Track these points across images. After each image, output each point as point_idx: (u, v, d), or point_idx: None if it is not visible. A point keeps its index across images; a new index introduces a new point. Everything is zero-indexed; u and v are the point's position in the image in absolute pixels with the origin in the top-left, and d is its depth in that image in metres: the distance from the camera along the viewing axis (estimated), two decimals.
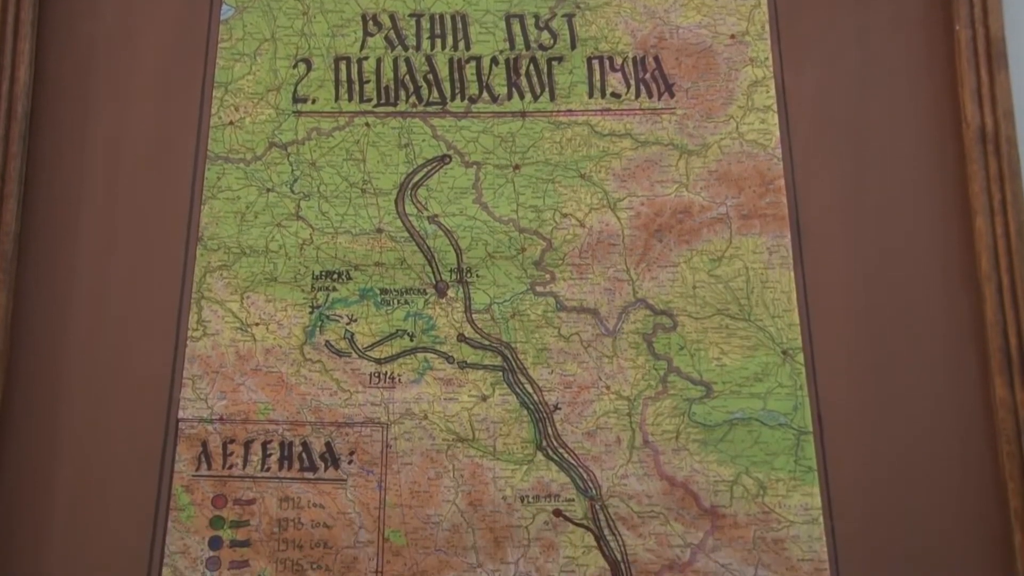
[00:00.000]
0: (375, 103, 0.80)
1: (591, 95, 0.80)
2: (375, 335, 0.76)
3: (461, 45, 0.81)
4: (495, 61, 0.81)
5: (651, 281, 0.76)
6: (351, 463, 0.73)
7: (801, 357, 0.74)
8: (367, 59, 0.81)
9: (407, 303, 0.76)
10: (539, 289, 0.76)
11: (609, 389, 0.74)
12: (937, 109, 0.78)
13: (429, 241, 0.77)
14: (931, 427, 0.72)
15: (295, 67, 0.81)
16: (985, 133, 0.75)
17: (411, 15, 0.82)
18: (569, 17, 0.81)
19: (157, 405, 0.74)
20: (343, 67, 0.81)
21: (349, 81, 0.81)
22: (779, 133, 0.78)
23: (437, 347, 0.75)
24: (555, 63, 0.81)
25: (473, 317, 0.76)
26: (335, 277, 0.77)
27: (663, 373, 0.74)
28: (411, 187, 0.78)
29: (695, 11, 0.81)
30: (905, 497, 0.71)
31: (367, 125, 0.80)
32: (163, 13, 0.82)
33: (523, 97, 0.80)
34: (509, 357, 0.75)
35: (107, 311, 0.76)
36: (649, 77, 0.80)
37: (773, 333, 0.75)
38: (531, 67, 0.81)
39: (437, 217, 0.78)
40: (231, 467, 0.73)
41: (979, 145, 0.75)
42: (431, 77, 0.81)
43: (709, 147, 0.78)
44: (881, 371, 0.74)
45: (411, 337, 0.75)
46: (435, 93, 0.80)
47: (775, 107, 0.79)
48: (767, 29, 0.81)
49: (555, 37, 0.81)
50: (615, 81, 0.80)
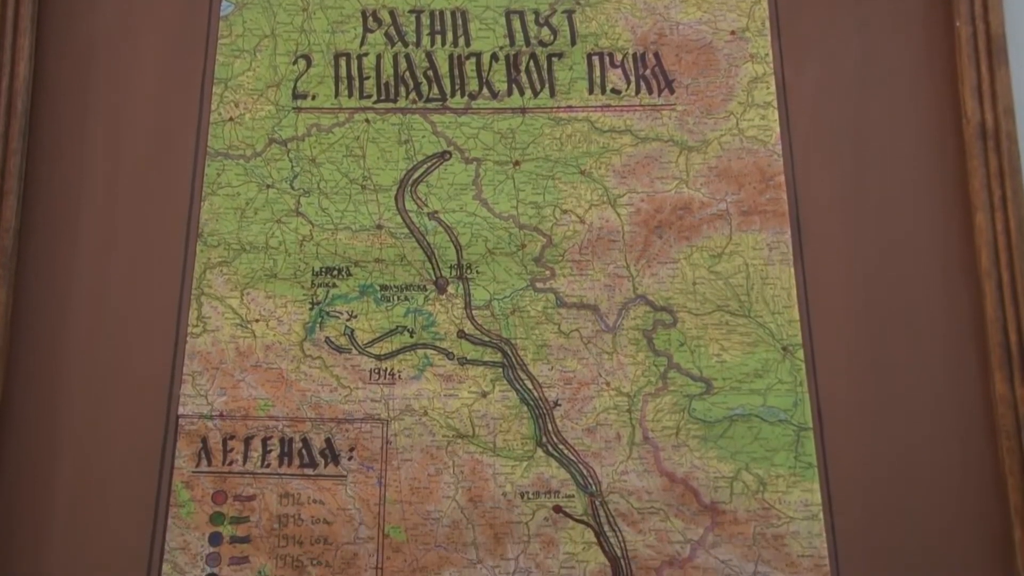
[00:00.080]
0: (375, 99, 0.80)
1: (591, 91, 0.80)
2: (375, 331, 0.76)
3: (461, 41, 0.81)
4: (495, 57, 0.81)
5: (651, 277, 0.76)
6: (351, 459, 0.73)
7: (801, 353, 0.74)
8: (367, 55, 0.81)
9: (407, 299, 0.76)
10: (539, 285, 0.76)
11: (609, 385, 0.74)
12: (937, 105, 0.78)
13: (429, 237, 0.77)
14: (931, 423, 0.73)
15: (295, 63, 0.81)
16: (985, 129, 0.75)
17: (411, 11, 0.82)
18: (569, 13, 0.81)
19: (157, 401, 0.74)
20: (343, 63, 0.81)
21: (349, 77, 0.81)
22: (779, 129, 0.78)
23: (437, 343, 0.75)
24: (555, 59, 0.81)
25: (473, 313, 0.76)
26: (335, 273, 0.77)
27: (663, 369, 0.74)
28: (411, 183, 0.78)
29: (695, 7, 0.81)
30: (905, 493, 0.71)
31: (367, 121, 0.80)
32: (163, 9, 0.82)
33: (523, 93, 0.80)
34: (509, 353, 0.75)
35: (107, 307, 0.76)
36: (649, 73, 0.80)
37: (773, 329, 0.75)
38: (531, 63, 0.80)
39: (437, 213, 0.78)
40: (231, 463, 0.73)
41: (979, 141, 0.75)
42: (431, 73, 0.81)
43: (709, 143, 0.78)
44: (881, 367, 0.74)
45: (411, 333, 0.75)
46: (435, 89, 0.80)
47: (775, 103, 0.79)
48: (767, 25, 0.81)
49: (555, 33, 0.81)
50: (615, 77, 0.80)
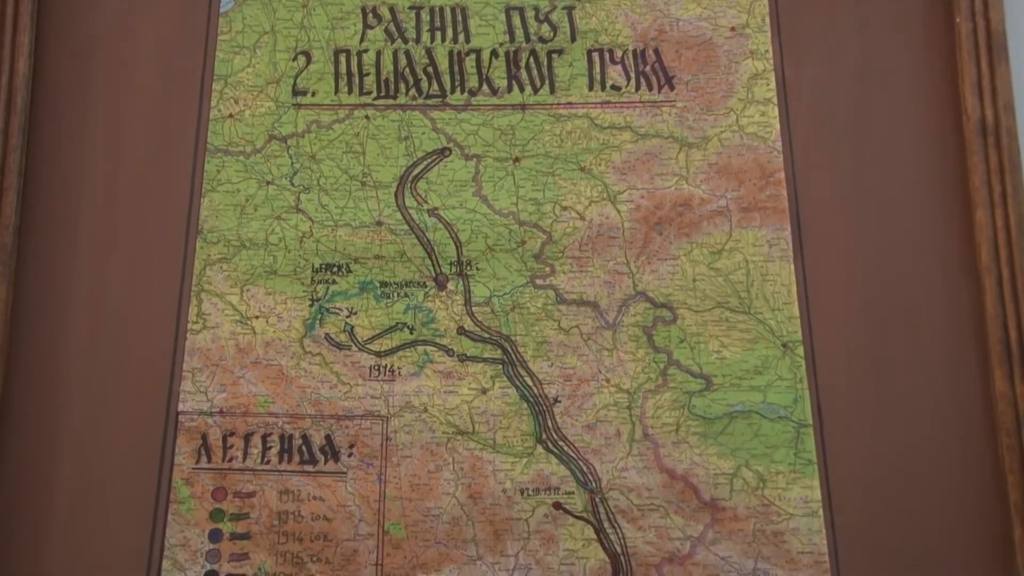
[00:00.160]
0: (375, 96, 0.80)
1: (591, 88, 0.80)
2: (375, 328, 0.76)
3: (461, 38, 0.81)
4: (495, 54, 0.81)
5: (651, 274, 0.76)
6: (351, 456, 0.73)
7: (801, 350, 0.74)
8: (367, 52, 0.81)
9: (407, 296, 0.76)
10: (539, 282, 0.76)
11: (609, 382, 0.74)
12: (938, 102, 0.78)
13: (429, 234, 0.77)
14: (931, 420, 0.72)
15: (295, 60, 0.81)
16: (985, 126, 0.75)
17: (411, 7, 0.82)
18: (569, 10, 0.81)
19: (157, 398, 0.74)
20: (343, 60, 0.81)
21: (349, 74, 0.81)
22: (779, 126, 0.78)
23: (437, 340, 0.75)
24: (555, 56, 0.80)
25: (473, 310, 0.76)
26: (335, 270, 0.77)
27: (663, 366, 0.74)
28: (411, 180, 0.78)
29: (695, 4, 0.81)
30: (905, 490, 0.71)
31: (367, 118, 0.80)
32: (163, 6, 0.82)
33: (523, 90, 0.80)
34: (509, 350, 0.75)
35: (107, 304, 0.76)
36: (649, 70, 0.80)
37: (773, 326, 0.75)
38: (531, 60, 0.80)
39: (437, 210, 0.78)
40: (231, 460, 0.73)
41: (979, 138, 0.75)
42: (431, 70, 0.81)
43: (709, 140, 0.78)
44: (881, 364, 0.74)
45: (411, 330, 0.75)
46: (435, 86, 0.80)
47: (775, 100, 0.79)
48: (767, 22, 0.80)
49: (555, 30, 0.81)
50: (615, 74, 0.80)
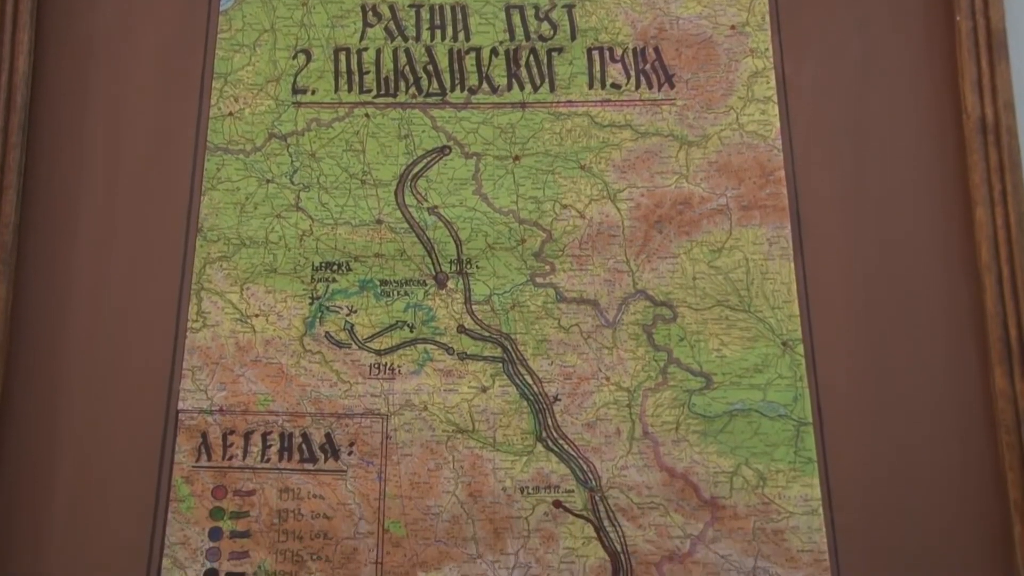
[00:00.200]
0: (375, 94, 0.80)
1: (591, 86, 0.80)
2: (375, 326, 0.76)
3: (461, 36, 0.81)
4: (495, 52, 0.81)
5: (651, 272, 0.76)
6: (351, 454, 0.73)
7: (801, 348, 0.74)
8: (367, 50, 0.81)
9: (407, 294, 0.76)
10: (539, 280, 0.76)
11: (609, 380, 0.74)
12: (937, 100, 0.78)
13: (429, 232, 0.77)
14: (931, 418, 0.72)
15: (295, 58, 0.81)
16: (985, 124, 0.75)
17: (411, 6, 0.82)
18: (569, 8, 0.81)
19: (157, 396, 0.74)
20: (343, 58, 0.81)
21: (349, 72, 0.81)
22: (779, 124, 0.78)
23: (437, 338, 0.75)
24: (555, 54, 0.80)
25: (473, 308, 0.76)
26: (335, 268, 0.77)
27: (663, 364, 0.74)
28: (411, 178, 0.78)
29: (695, 2, 0.81)
30: (905, 488, 0.71)
31: (367, 116, 0.80)
32: (163, 4, 0.82)
33: (523, 88, 0.80)
34: (509, 348, 0.75)
35: (107, 302, 0.76)
36: (649, 68, 0.80)
37: (773, 324, 0.75)
38: (531, 58, 0.80)
39: (437, 208, 0.78)
40: (231, 458, 0.73)
41: (979, 136, 0.75)
42: (431, 68, 0.81)
43: (709, 138, 0.78)
44: (881, 362, 0.74)
45: (411, 328, 0.75)
46: (435, 84, 0.80)
47: (775, 98, 0.79)
48: (767, 20, 0.80)
49: (555, 28, 0.81)
50: (615, 72, 0.80)
